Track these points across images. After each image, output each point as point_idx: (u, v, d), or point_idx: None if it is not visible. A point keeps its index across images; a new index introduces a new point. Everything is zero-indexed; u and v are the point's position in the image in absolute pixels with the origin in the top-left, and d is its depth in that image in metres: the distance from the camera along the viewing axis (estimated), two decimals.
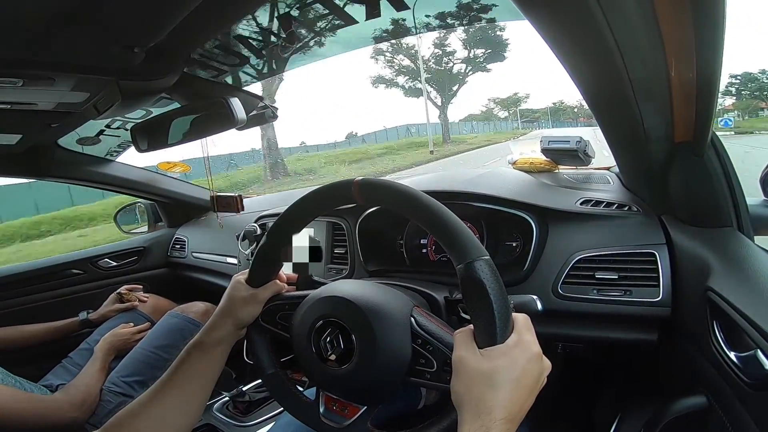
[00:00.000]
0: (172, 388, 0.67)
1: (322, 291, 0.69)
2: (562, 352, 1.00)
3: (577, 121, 51.51)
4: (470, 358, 0.50)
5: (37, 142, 1.38)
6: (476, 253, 0.52)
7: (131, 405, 0.66)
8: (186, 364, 0.69)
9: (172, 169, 1.92)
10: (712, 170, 0.77)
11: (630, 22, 0.52)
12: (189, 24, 0.69)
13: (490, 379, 0.48)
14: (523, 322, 0.53)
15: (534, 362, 0.50)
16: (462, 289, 0.53)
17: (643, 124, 0.72)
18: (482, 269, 0.51)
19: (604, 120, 0.78)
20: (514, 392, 0.47)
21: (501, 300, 0.51)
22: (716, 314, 0.64)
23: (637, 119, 0.70)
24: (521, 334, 0.51)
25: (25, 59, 0.70)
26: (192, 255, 1.96)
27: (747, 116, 30.42)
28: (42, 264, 1.86)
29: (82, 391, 1.24)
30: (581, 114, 51.17)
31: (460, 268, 0.52)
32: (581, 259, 0.88)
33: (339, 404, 0.69)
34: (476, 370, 0.49)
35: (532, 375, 0.50)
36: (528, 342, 0.51)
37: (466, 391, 0.49)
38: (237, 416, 1.35)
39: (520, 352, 0.49)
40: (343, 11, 0.87)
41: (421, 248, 1.20)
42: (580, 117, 51.38)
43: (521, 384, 0.48)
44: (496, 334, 0.50)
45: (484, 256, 0.52)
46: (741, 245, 0.74)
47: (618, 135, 0.84)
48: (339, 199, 0.66)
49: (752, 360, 0.55)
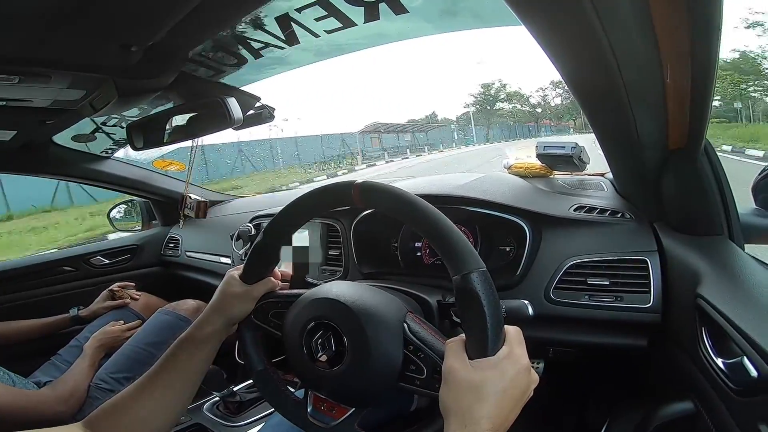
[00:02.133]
0: (158, 381, 0.66)
1: (317, 291, 0.69)
2: (552, 356, 1.00)
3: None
4: (460, 369, 0.50)
5: (32, 138, 1.37)
6: (473, 265, 0.52)
7: (115, 398, 0.65)
8: (174, 358, 0.68)
9: (167, 167, 1.92)
10: (705, 178, 0.78)
11: (626, 28, 0.53)
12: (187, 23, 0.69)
13: (478, 390, 0.48)
14: (515, 334, 0.54)
15: (522, 375, 0.51)
16: (456, 298, 0.53)
17: (637, 131, 0.72)
18: (478, 281, 0.51)
19: (598, 125, 0.79)
20: (501, 404, 0.48)
21: (495, 313, 0.51)
22: (705, 321, 0.65)
23: (632, 125, 0.71)
24: (512, 347, 0.52)
25: (21, 56, 0.70)
26: (185, 254, 1.95)
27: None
28: (34, 261, 1.86)
29: (69, 386, 1.23)
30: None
31: (456, 279, 0.52)
32: (574, 264, 0.89)
33: (327, 404, 0.69)
34: (465, 381, 0.49)
35: (519, 387, 0.50)
36: (518, 355, 0.51)
37: (454, 400, 0.49)
38: (227, 416, 1.34)
39: (510, 365, 0.50)
40: (342, 14, 0.87)
41: (415, 251, 1.20)
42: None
43: (508, 396, 0.49)
44: (487, 346, 0.50)
45: (480, 268, 0.52)
46: (731, 253, 0.75)
47: (612, 141, 0.84)
48: (338, 200, 0.66)
49: (739, 367, 0.56)
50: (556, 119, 55.02)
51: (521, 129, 55.67)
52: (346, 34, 0.95)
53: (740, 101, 25.68)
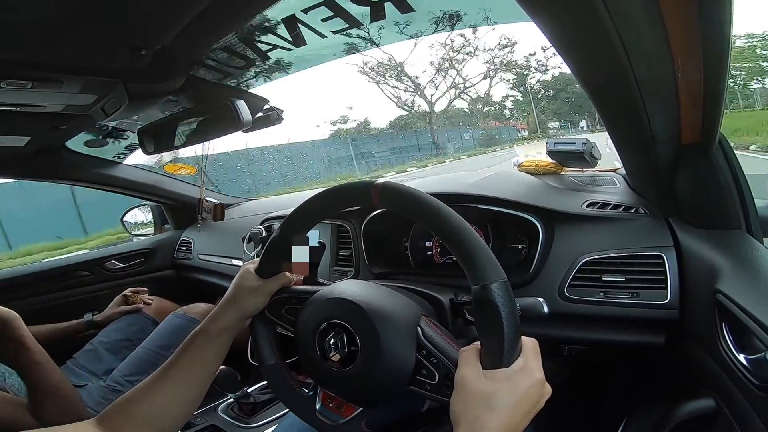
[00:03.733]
0: (171, 375, 0.67)
1: (332, 290, 0.69)
2: (567, 354, 0.99)
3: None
4: (473, 379, 0.50)
5: (46, 144, 1.40)
6: (495, 276, 0.51)
7: (128, 393, 0.66)
8: (188, 351, 0.69)
9: (178, 171, 1.94)
10: (720, 172, 0.77)
11: (636, 23, 0.52)
12: (196, 27, 0.69)
13: (490, 401, 0.48)
14: (531, 346, 0.53)
15: (535, 388, 0.50)
16: (474, 308, 0.52)
17: (650, 126, 0.71)
18: (499, 293, 0.50)
19: (610, 121, 0.78)
20: (511, 416, 0.48)
21: (512, 324, 0.50)
22: (725, 316, 0.64)
23: (644, 120, 0.70)
24: (527, 360, 0.51)
25: (33, 62, 0.71)
26: (198, 257, 1.97)
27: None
28: (52, 265, 1.89)
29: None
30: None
31: (475, 289, 0.52)
32: (588, 261, 0.88)
33: (336, 402, 0.69)
34: (478, 391, 0.49)
35: (531, 400, 0.50)
36: (532, 368, 0.51)
37: (465, 409, 0.49)
38: (242, 417, 1.35)
39: (524, 377, 0.49)
40: (348, 13, 0.87)
41: (426, 250, 1.20)
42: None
43: (520, 408, 0.48)
44: (502, 358, 0.50)
45: (501, 279, 0.51)
46: (750, 247, 0.73)
47: (625, 136, 0.83)
48: (357, 199, 0.65)
49: (761, 362, 0.55)
50: (496, 118, 38.24)
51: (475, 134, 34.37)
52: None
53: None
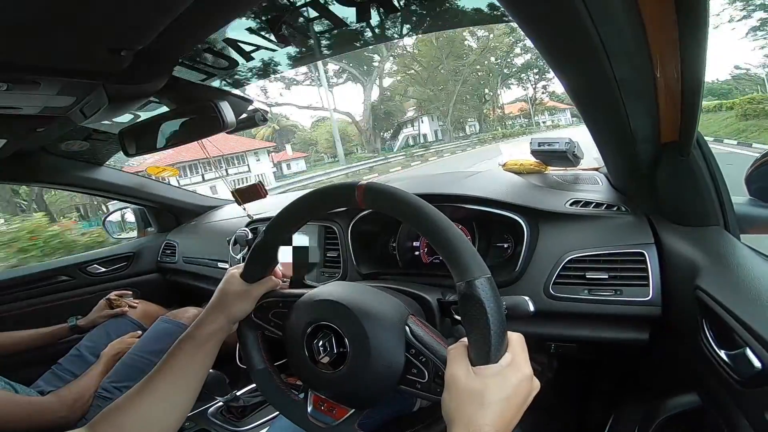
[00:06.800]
0: (160, 383, 0.66)
1: (319, 293, 0.68)
2: (554, 352, 1.00)
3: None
4: (463, 376, 0.50)
5: (23, 147, 1.36)
6: (478, 271, 0.51)
7: (118, 400, 0.65)
8: (176, 358, 0.68)
9: (161, 173, 1.91)
10: (698, 170, 0.78)
11: (616, 23, 0.53)
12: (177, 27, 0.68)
13: (481, 397, 0.48)
14: (518, 341, 0.54)
15: (525, 383, 0.51)
16: (460, 305, 0.53)
17: (630, 125, 0.72)
18: (483, 288, 0.51)
19: (591, 120, 0.79)
20: (503, 411, 0.48)
21: (498, 320, 0.51)
22: (705, 313, 0.65)
23: (624, 120, 0.71)
24: (515, 354, 0.52)
25: (9, 62, 0.69)
26: (182, 260, 1.94)
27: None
28: (30, 270, 1.85)
29: (74, 391, 1.23)
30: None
31: (460, 285, 0.52)
32: (572, 259, 0.89)
33: (327, 404, 0.68)
34: (468, 388, 0.49)
35: (521, 395, 0.50)
36: (520, 363, 0.52)
37: (457, 407, 0.50)
38: (232, 421, 1.34)
39: (512, 372, 0.50)
40: (333, 14, 0.86)
41: (413, 250, 1.20)
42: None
43: (511, 403, 0.49)
44: (490, 354, 0.50)
45: (485, 275, 0.52)
46: (728, 244, 0.75)
47: (606, 136, 0.84)
48: (341, 200, 0.65)
49: (742, 358, 0.56)
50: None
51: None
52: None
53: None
